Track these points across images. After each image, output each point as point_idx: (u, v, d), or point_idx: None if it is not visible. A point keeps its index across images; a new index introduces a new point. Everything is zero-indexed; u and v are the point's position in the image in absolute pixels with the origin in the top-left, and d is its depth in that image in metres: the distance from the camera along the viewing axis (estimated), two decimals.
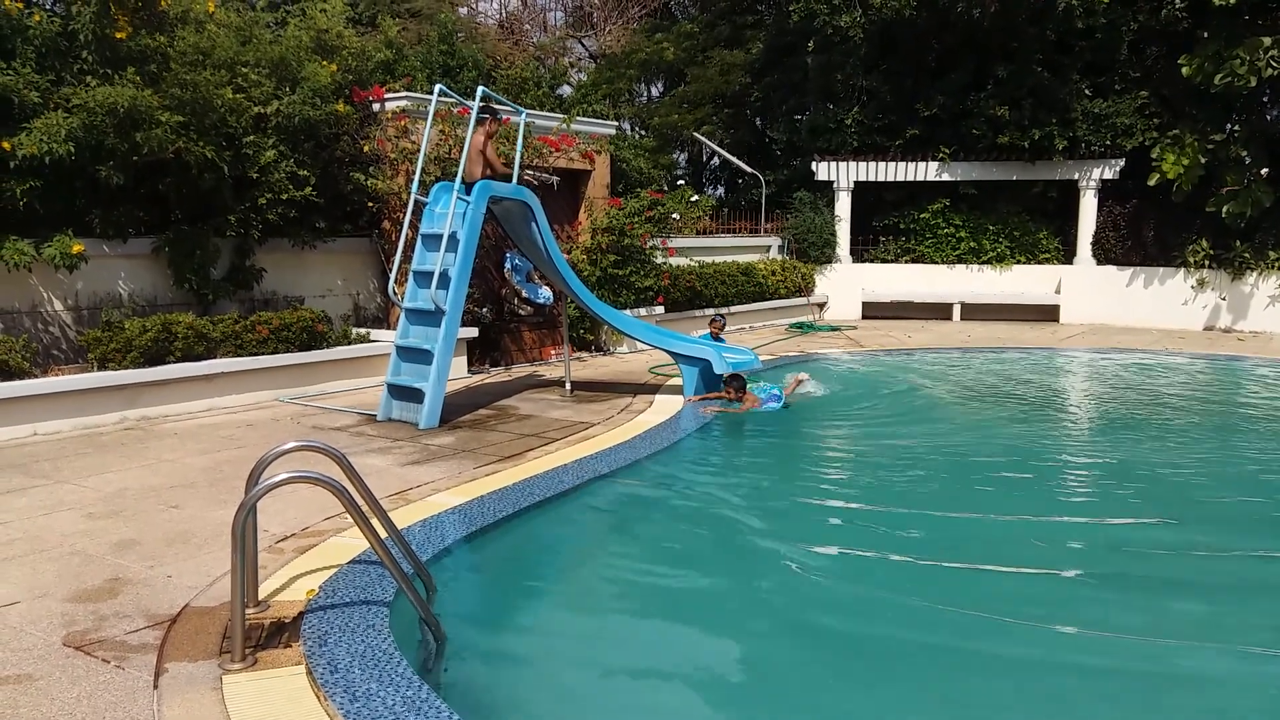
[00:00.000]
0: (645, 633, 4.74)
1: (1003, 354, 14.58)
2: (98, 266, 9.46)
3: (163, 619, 4.35)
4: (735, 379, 9.81)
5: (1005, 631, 4.64)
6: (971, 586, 5.31)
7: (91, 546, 5.34)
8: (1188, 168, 16.44)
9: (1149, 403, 10.93)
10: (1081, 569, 5.53)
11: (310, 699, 3.63)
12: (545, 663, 4.41)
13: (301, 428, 8.60)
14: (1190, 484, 7.53)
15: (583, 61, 28.43)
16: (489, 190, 9.11)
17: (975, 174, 19.44)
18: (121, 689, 3.71)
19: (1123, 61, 18.49)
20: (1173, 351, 14.59)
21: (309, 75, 10.50)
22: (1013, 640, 4.56)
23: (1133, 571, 5.53)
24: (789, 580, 5.45)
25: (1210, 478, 7.71)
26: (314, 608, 4.39)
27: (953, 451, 8.52)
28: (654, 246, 14.60)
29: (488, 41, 20.04)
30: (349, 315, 11.85)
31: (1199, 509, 6.91)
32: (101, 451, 7.67)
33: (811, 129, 21.00)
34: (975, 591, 5.21)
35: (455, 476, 6.88)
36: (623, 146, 17.13)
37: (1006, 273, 19.60)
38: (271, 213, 10.19)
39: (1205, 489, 7.43)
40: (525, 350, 13.33)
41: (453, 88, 12.14)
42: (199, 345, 9.27)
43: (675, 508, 6.93)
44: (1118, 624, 4.72)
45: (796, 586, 5.37)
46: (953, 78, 18.97)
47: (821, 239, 19.86)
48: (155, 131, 8.91)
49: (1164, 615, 4.96)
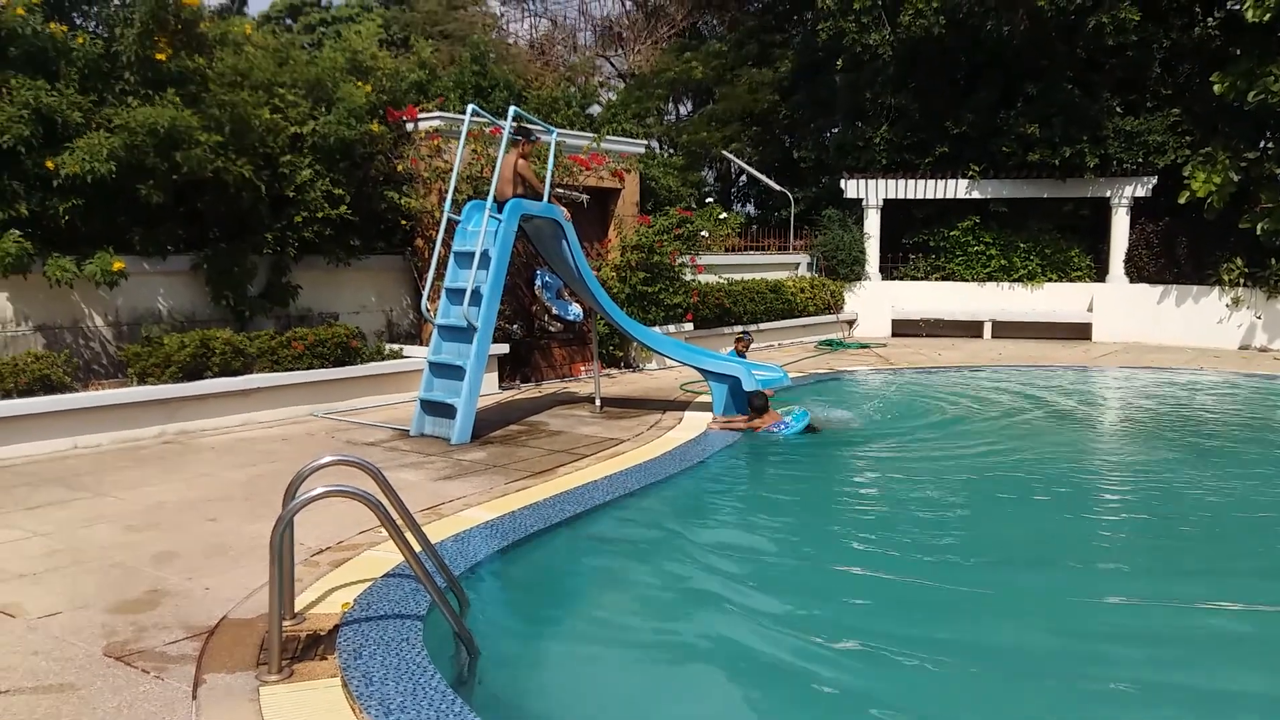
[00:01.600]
0: (677, 649, 4.75)
1: (1035, 371, 14.47)
2: (138, 283, 9.64)
3: (201, 630, 4.42)
4: (758, 396, 9.64)
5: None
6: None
7: (131, 558, 5.43)
8: (1220, 186, 16.28)
9: (1201, 423, 10.79)
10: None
11: (346, 711, 3.67)
12: (577, 678, 4.44)
13: (335, 442, 8.69)
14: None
15: (612, 81, 28.62)
16: (521, 208, 9.21)
17: (1005, 191, 19.36)
18: (161, 699, 3.77)
19: (1154, 79, 18.40)
20: (1209, 370, 14.43)
21: (344, 95, 10.66)
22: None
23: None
24: (821, 600, 5.45)
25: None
26: (349, 621, 4.45)
27: (994, 477, 8.27)
28: (683, 264, 14.66)
29: (519, 62, 20.26)
30: (382, 331, 11.98)
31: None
32: (141, 465, 7.80)
33: (840, 147, 21.01)
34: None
35: (487, 492, 6.93)
36: (652, 165, 17.24)
37: (1038, 290, 19.47)
38: (307, 231, 10.35)
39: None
40: (555, 366, 13.40)
41: (485, 107, 12.27)
42: (236, 360, 9.40)
43: (705, 525, 6.96)
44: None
45: (828, 606, 5.36)
46: (982, 95, 18.93)
47: (850, 256, 19.84)
48: (194, 151, 9.09)
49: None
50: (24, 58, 8.73)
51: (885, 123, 20.28)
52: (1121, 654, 4.66)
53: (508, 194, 9.42)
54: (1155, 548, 6.53)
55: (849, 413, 11.01)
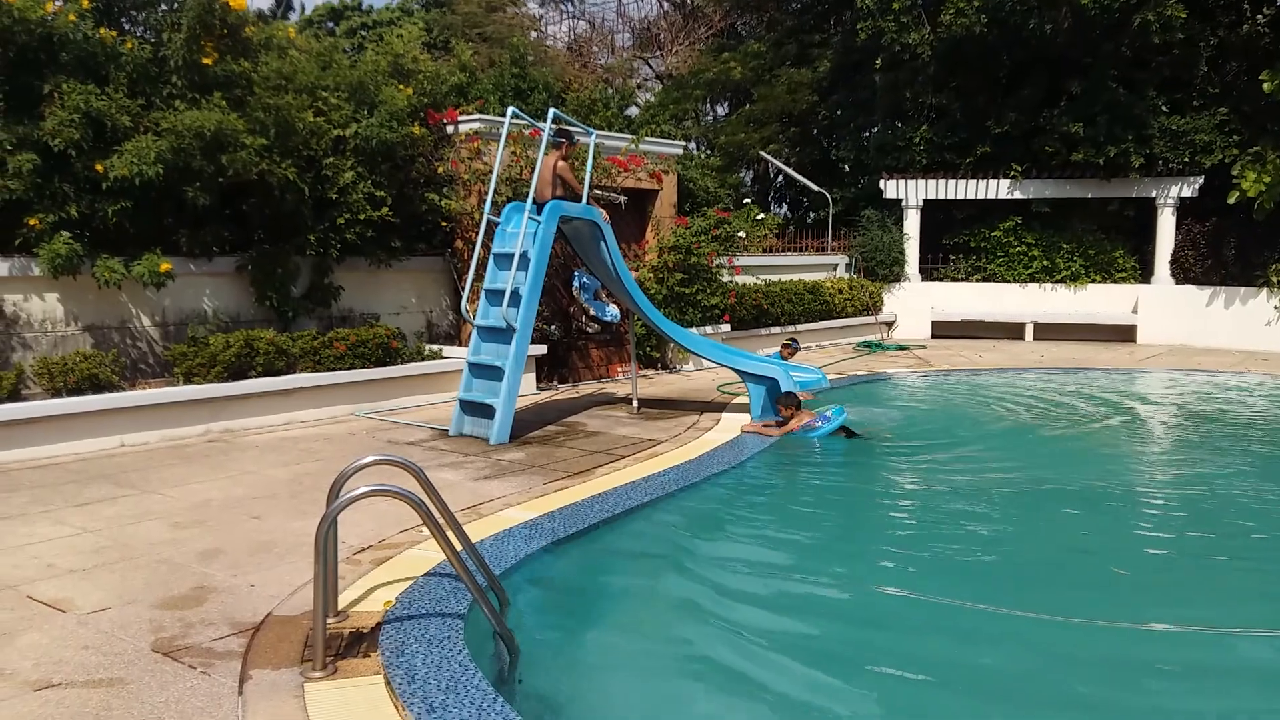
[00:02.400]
0: (715, 650, 4.73)
1: (1079, 375, 14.28)
2: (184, 284, 9.79)
3: (246, 627, 4.49)
4: (788, 397, 9.50)
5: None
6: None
7: (178, 555, 5.52)
8: (1269, 185, 15.96)
9: (1257, 429, 10.58)
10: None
11: (389, 708, 3.71)
12: (616, 677, 4.45)
13: (376, 442, 8.78)
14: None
15: (650, 82, 28.64)
16: (559, 210, 9.24)
17: (1048, 191, 19.12)
18: (208, 695, 3.83)
19: (1201, 77, 18.07)
20: (1260, 373, 14.16)
21: (386, 99, 10.76)
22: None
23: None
24: (857, 608, 5.42)
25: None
26: (391, 619, 4.49)
27: (1037, 490, 7.95)
28: (720, 265, 14.63)
29: (557, 64, 20.34)
30: (422, 332, 12.08)
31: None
32: (186, 463, 7.92)
33: (879, 147, 20.87)
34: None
35: (526, 492, 6.97)
36: (689, 166, 17.21)
37: (1081, 292, 19.21)
38: (349, 232, 10.45)
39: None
40: (593, 368, 13.44)
41: (524, 110, 12.34)
42: (279, 360, 9.53)
43: (742, 527, 6.94)
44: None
45: (864, 615, 5.33)
46: (1025, 94, 18.70)
47: (890, 257, 19.70)
48: (240, 154, 9.22)
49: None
50: (75, 63, 8.90)
51: (925, 122, 20.11)
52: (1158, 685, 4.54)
53: (547, 195, 9.46)
54: (1207, 567, 6.37)
55: (886, 416, 10.88)
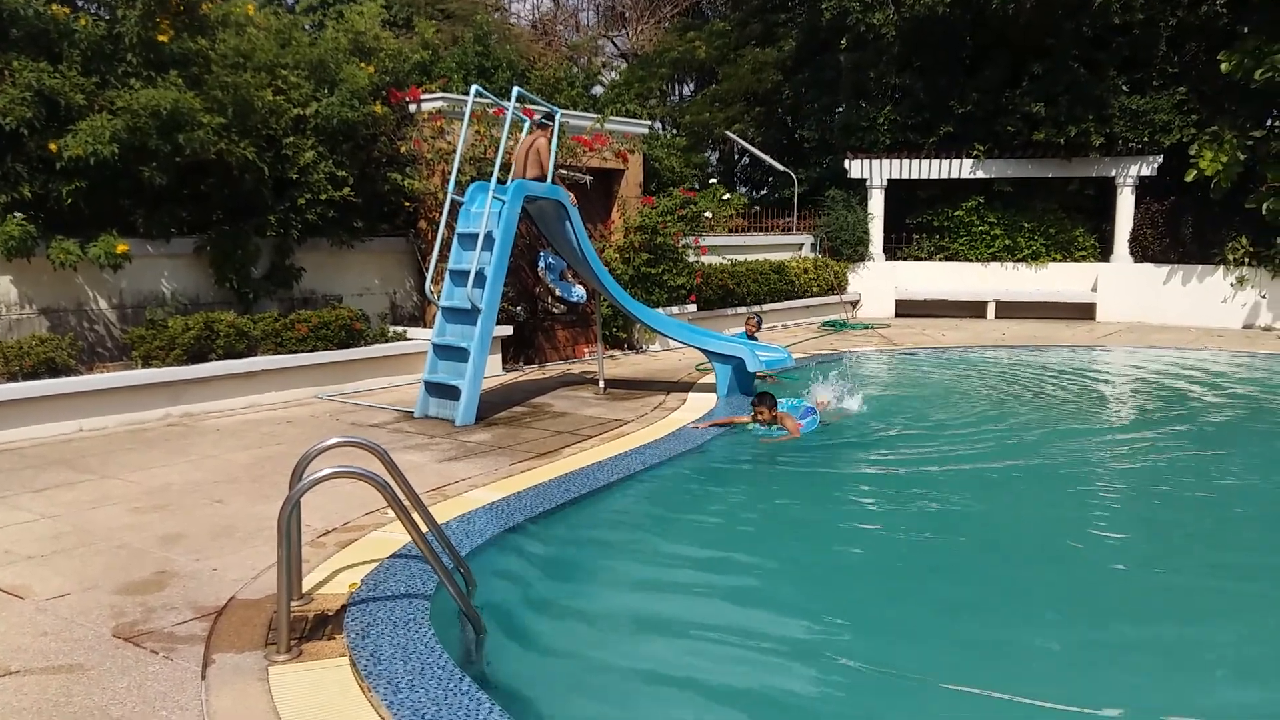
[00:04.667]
0: (681, 627, 4.76)
1: (1038, 353, 14.45)
2: (141, 266, 9.63)
3: (209, 611, 4.45)
4: (764, 398, 8.73)
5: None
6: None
7: (138, 540, 5.45)
8: (1226, 164, 16.22)
9: (1207, 404, 10.75)
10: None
11: (354, 690, 3.70)
12: (583, 656, 4.46)
13: (340, 424, 8.71)
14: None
15: (615, 61, 28.47)
16: (524, 190, 9.19)
17: (1010, 171, 19.28)
18: (170, 679, 3.79)
19: (1161, 57, 18.28)
20: (1215, 349, 14.41)
21: (347, 77, 10.62)
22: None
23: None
24: (822, 582, 5.48)
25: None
26: (356, 601, 4.47)
27: (996, 468, 8.00)
28: (686, 245, 14.63)
29: (521, 42, 20.15)
30: (386, 314, 11.98)
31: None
32: (146, 447, 7.82)
33: (844, 127, 20.91)
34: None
35: (492, 473, 6.95)
36: (655, 145, 17.16)
37: (1042, 270, 19.43)
38: (310, 213, 10.33)
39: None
40: (559, 348, 13.41)
41: (488, 88, 12.22)
42: (240, 343, 9.42)
43: (709, 505, 6.97)
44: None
45: (829, 588, 5.39)
46: (987, 74, 18.82)
47: (854, 237, 19.80)
48: (197, 133, 9.07)
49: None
50: (26, 39, 8.70)
51: (889, 102, 20.18)
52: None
53: (529, 174, 9.48)
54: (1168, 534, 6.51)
55: (829, 399, 10.21)
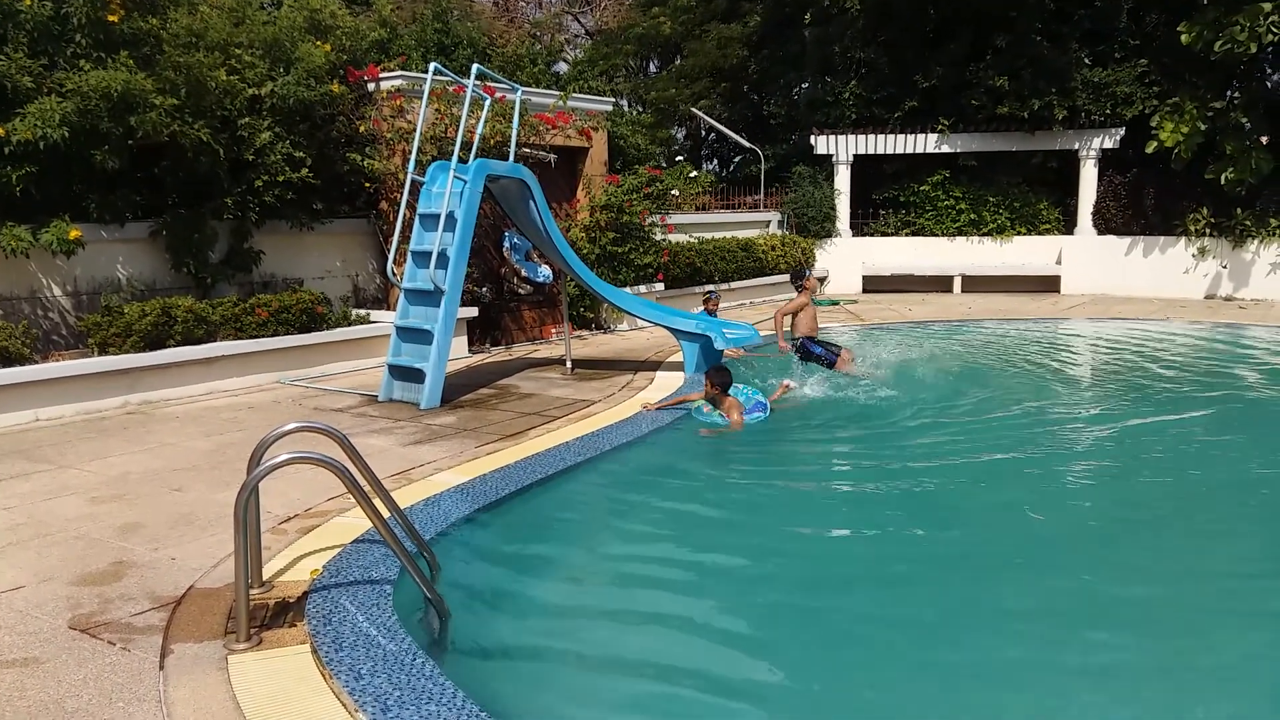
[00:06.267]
0: (647, 609, 4.75)
1: (1004, 326, 14.56)
2: (96, 251, 9.44)
3: (168, 601, 4.37)
4: (721, 373, 8.23)
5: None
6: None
7: (96, 530, 5.36)
8: (1187, 135, 16.35)
9: (1164, 374, 10.86)
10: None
11: (315, 677, 3.65)
12: (548, 638, 4.43)
13: (303, 409, 8.61)
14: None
15: (579, 39, 28.25)
16: (486, 169, 9.07)
17: (975, 145, 19.34)
18: (127, 670, 3.73)
19: (1122, 29, 18.38)
20: (1178, 321, 14.58)
21: (303, 56, 10.43)
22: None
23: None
24: (790, 557, 5.48)
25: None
26: (318, 587, 4.41)
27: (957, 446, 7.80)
28: (653, 223, 14.56)
29: (482, 19, 19.91)
30: (348, 297, 11.84)
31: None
32: (104, 436, 7.69)
33: (810, 102, 20.88)
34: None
35: (457, 455, 6.89)
36: (620, 123, 17.05)
37: (1007, 244, 19.54)
38: (268, 195, 10.16)
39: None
40: (525, 329, 13.33)
41: (448, 66, 12.07)
42: (199, 329, 9.27)
43: (676, 485, 6.95)
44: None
45: (798, 564, 5.39)
46: (951, 48, 18.83)
47: (821, 213, 19.79)
48: (149, 115, 8.87)
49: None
50: None
51: (854, 77, 20.15)
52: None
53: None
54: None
55: (794, 382, 9.73)
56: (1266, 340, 13.04)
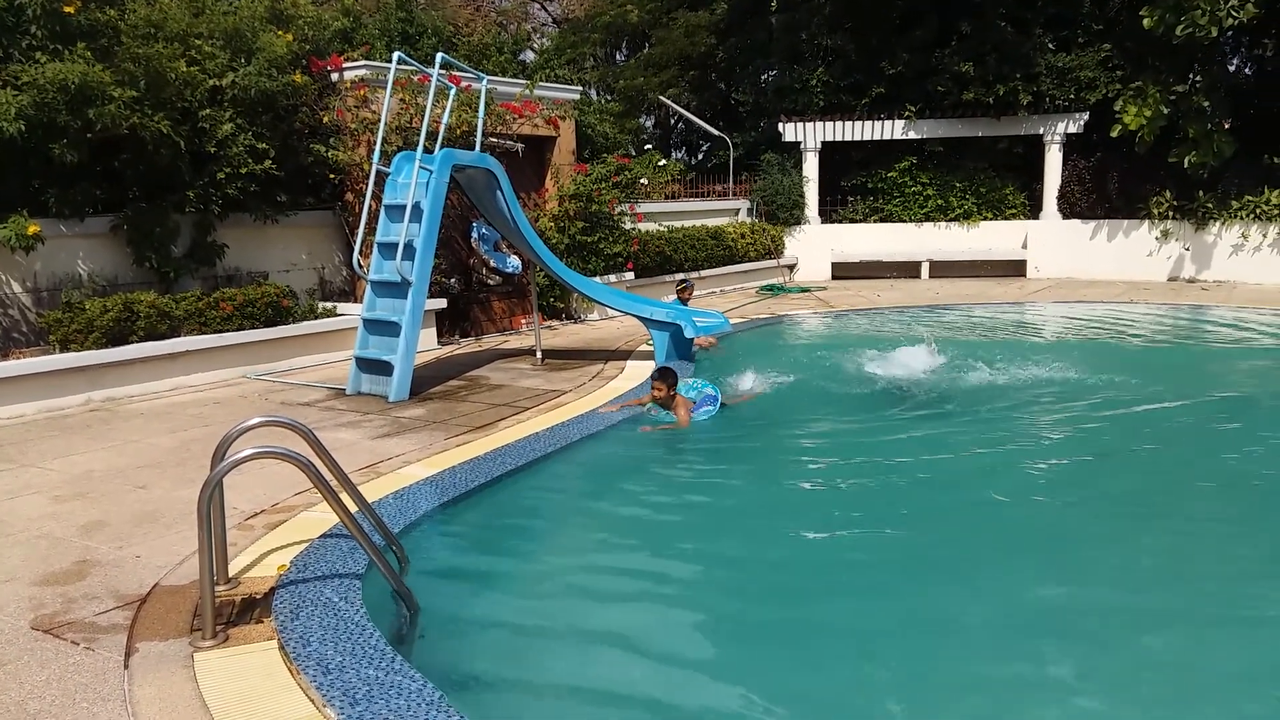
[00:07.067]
0: (617, 601, 4.75)
1: (971, 310, 14.66)
2: (55, 247, 9.29)
3: (132, 599, 4.33)
4: (665, 374, 7.88)
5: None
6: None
7: (58, 529, 5.28)
8: (1150, 119, 16.50)
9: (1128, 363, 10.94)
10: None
11: (283, 673, 3.62)
12: (518, 631, 4.42)
13: (269, 404, 8.53)
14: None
15: (546, 27, 28.08)
16: (452, 159, 9.01)
17: (941, 131, 19.43)
18: (91, 670, 3.69)
19: (1085, 14, 18.50)
20: (1142, 303, 14.75)
21: (264, 46, 10.30)
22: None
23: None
24: (761, 548, 5.48)
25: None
26: (285, 583, 4.38)
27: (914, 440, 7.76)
28: (622, 212, 14.52)
29: (448, 8, 19.75)
30: (315, 289, 11.73)
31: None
32: (67, 434, 7.58)
33: (777, 90, 20.88)
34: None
35: (426, 448, 6.85)
36: (588, 111, 16.97)
37: (974, 229, 19.66)
38: (231, 187, 10.03)
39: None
40: (495, 320, 13.27)
41: (412, 56, 11.96)
42: (162, 324, 9.15)
43: (648, 473, 6.94)
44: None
45: (768, 556, 5.39)
46: (917, 34, 18.89)
47: (790, 200, 19.82)
48: (108, 107, 8.74)
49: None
50: None
51: (822, 64, 20.17)
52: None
53: None
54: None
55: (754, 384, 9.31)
56: (1231, 319, 13.23)
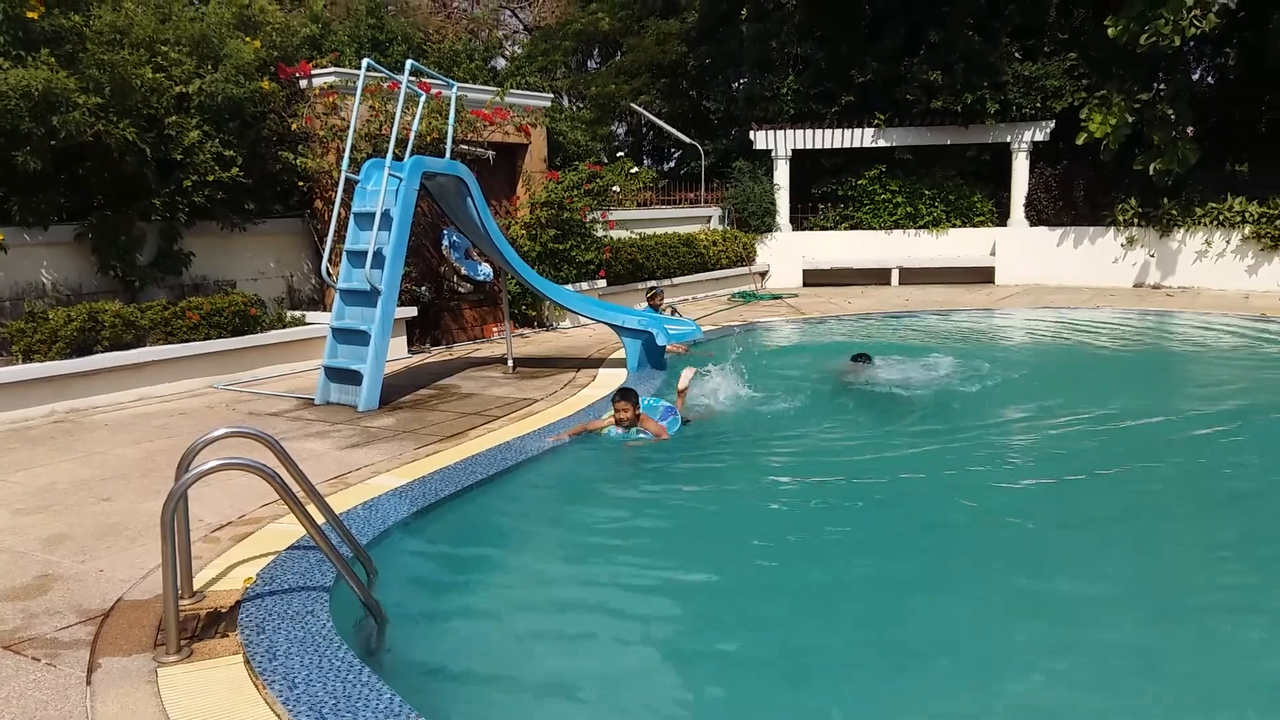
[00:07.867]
0: (586, 610, 4.74)
1: (937, 318, 14.77)
2: (18, 255, 9.15)
3: (95, 614, 4.26)
4: (627, 394, 7.63)
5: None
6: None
7: (20, 543, 5.20)
8: (1115, 127, 16.71)
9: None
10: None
11: (249, 688, 3.58)
12: (487, 642, 4.40)
13: (237, 414, 8.44)
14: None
15: (517, 35, 28.05)
16: (422, 166, 8.97)
17: (910, 139, 19.59)
18: (53, 687, 3.63)
19: (1051, 24, 18.76)
20: (1108, 309, 14.92)
21: (231, 52, 10.21)
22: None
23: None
24: (730, 552, 5.49)
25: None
26: (251, 596, 4.33)
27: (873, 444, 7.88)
28: (594, 220, 14.53)
29: (418, 15, 19.67)
30: (283, 298, 11.63)
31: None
32: (30, 446, 7.46)
33: (748, 98, 20.98)
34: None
35: (396, 458, 6.80)
36: (559, 119, 16.96)
37: (943, 237, 19.83)
38: (198, 195, 9.93)
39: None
40: (466, 328, 13.22)
41: (382, 63, 11.92)
42: (127, 334, 9.04)
43: (619, 483, 6.93)
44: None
45: (738, 556, 5.41)
46: (886, 43, 19.06)
47: (761, 208, 19.90)
48: (73, 114, 8.62)
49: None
50: None
51: (792, 72, 20.30)
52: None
53: None
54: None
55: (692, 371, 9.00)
56: (1196, 323, 13.43)
